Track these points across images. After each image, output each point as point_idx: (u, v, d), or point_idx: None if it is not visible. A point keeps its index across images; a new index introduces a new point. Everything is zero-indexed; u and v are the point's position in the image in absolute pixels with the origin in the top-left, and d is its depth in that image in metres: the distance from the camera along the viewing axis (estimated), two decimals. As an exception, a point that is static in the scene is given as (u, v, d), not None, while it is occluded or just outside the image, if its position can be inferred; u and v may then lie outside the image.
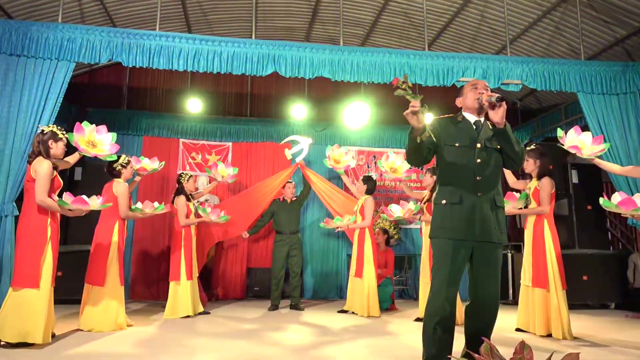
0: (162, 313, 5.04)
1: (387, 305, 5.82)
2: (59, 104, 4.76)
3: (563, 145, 3.78)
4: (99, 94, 7.76)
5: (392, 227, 7.62)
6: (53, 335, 3.59)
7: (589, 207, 6.39)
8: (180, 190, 5.28)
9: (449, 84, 5.44)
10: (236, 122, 7.92)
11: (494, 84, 5.46)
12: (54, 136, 3.59)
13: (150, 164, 5.04)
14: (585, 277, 6.02)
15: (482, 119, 2.63)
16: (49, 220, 3.47)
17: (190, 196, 5.31)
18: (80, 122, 3.93)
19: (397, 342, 3.89)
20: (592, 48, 6.53)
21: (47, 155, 3.53)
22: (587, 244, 6.27)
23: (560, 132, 3.81)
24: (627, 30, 6.11)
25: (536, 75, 5.54)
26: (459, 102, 2.72)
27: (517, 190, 4.63)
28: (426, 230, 4.90)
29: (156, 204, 4.64)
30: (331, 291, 7.62)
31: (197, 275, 5.25)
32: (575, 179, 6.52)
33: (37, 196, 3.36)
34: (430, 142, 2.53)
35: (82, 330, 4.05)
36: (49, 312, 3.41)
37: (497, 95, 2.41)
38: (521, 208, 4.42)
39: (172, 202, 5.29)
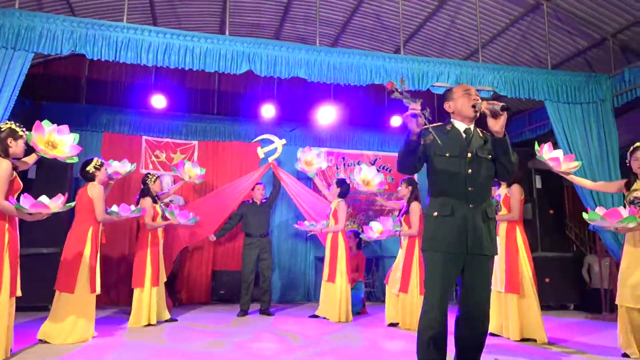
0: (123, 320, 4.79)
1: (358, 309, 5.79)
2: (15, 98, 4.42)
3: (542, 157, 3.84)
4: (54, 87, 7.31)
5: (361, 228, 7.60)
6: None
7: (551, 212, 6.62)
8: (146, 192, 5.02)
9: (424, 89, 5.46)
10: (203, 120, 7.66)
11: (466, 89, 5.52)
12: (13, 134, 3.31)
13: (121, 167, 4.79)
14: (547, 280, 6.22)
15: (472, 127, 2.59)
16: (7, 225, 3.18)
17: (156, 197, 5.07)
18: (34, 117, 3.65)
19: (376, 350, 3.85)
20: (555, 57, 6.75)
21: (6, 155, 3.25)
22: (549, 247, 6.49)
23: (537, 146, 3.90)
24: (589, 42, 6.36)
25: (506, 83, 5.66)
26: (447, 106, 2.66)
27: None
28: (405, 241, 4.90)
29: (132, 207, 4.39)
30: (298, 294, 7.53)
31: (165, 280, 5.02)
32: (538, 184, 6.73)
33: None
34: (422, 150, 2.48)
35: (42, 341, 3.76)
36: (8, 326, 3.13)
37: (501, 104, 2.36)
38: None
39: (137, 204, 5.03)
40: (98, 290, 4.05)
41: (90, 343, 3.86)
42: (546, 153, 3.80)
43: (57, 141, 3.66)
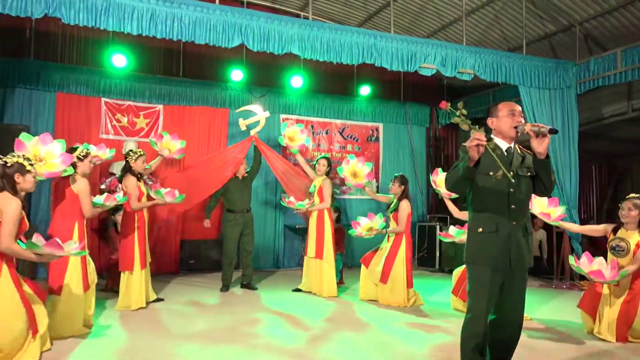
0: (110, 302, 4.65)
1: (337, 280, 6.00)
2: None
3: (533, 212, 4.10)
4: (-4, 39, 6.46)
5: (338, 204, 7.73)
6: None
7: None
8: (128, 170, 4.72)
9: (412, 70, 5.52)
10: (167, 82, 7.21)
11: (451, 72, 5.66)
12: (21, 169, 2.97)
13: (98, 151, 4.47)
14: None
15: (513, 145, 2.70)
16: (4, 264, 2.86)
17: (139, 176, 4.79)
18: None
19: (387, 333, 4.07)
20: (519, 38, 6.99)
21: (14, 192, 2.92)
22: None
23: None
24: (557, 27, 6.68)
25: (486, 66, 5.85)
26: (490, 122, 2.73)
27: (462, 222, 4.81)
28: (392, 237, 5.09)
29: (118, 195, 4.13)
30: (268, 262, 7.63)
31: (150, 261, 4.87)
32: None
33: (3, 242, 2.78)
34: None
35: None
36: None
37: (548, 127, 2.46)
38: None
39: (120, 183, 4.75)
40: (91, 286, 3.83)
41: (93, 336, 3.72)
42: (537, 206, 4.11)
43: (44, 154, 3.33)
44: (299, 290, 5.69)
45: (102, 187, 5.99)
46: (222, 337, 3.76)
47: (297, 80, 7.50)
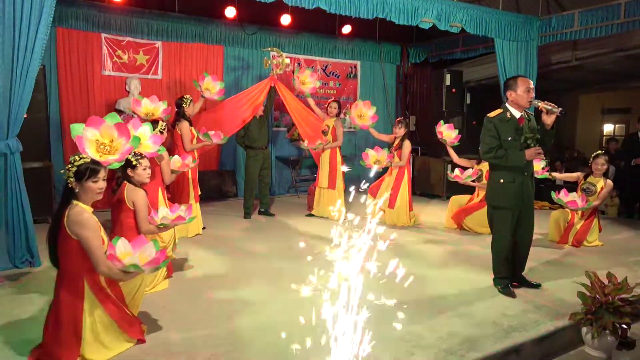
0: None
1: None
2: None
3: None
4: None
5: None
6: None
7: (474, 123, 8.36)
8: (182, 115, 5.20)
9: (414, 24, 6.24)
10: (164, 18, 7.26)
11: (444, 25, 6.45)
12: (129, 164, 3.40)
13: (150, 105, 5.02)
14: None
15: (522, 113, 3.63)
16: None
17: (190, 120, 5.28)
18: None
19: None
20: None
21: (135, 185, 3.43)
22: (470, 152, 8.33)
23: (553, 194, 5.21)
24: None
25: (471, 21, 6.70)
26: (509, 94, 3.62)
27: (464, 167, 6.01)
28: (395, 170, 6.05)
29: (188, 160, 4.78)
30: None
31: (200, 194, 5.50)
32: (468, 100, 8.31)
33: (143, 226, 3.30)
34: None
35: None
36: None
37: (560, 109, 3.46)
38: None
39: (174, 127, 5.21)
40: None
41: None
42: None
43: (141, 134, 3.61)
44: (311, 215, 6.64)
45: None
46: (287, 255, 4.67)
47: (285, 19, 7.86)
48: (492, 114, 3.66)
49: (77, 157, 2.52)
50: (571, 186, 5.60)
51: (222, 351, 2.68)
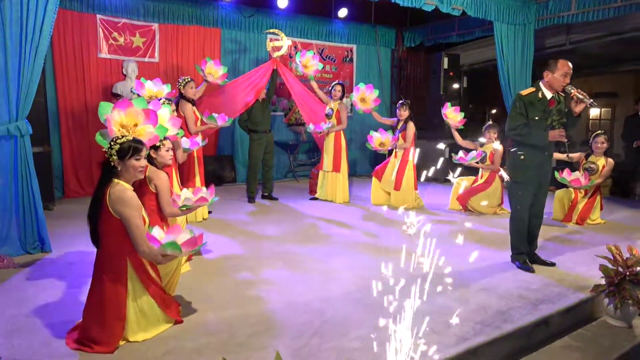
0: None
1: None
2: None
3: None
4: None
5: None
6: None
7: (470, 106, 8.45)
8: (183, 97, 5.10)
9: (418, 6, 6.21)
10: (160, -1, 7.09)
11: (446, 7, 6.44)
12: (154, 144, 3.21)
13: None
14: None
15: (554, 94, 3.70)
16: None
17: (193, 101, 5.19)
18: None
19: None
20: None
21: (157, 167, 3.24)
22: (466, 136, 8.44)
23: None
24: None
25: (472, 3, 6.72)
26: (546, 74, 3.68)
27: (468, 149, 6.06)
28: (400, 152, 6.09)
29: (199, 139, 4.76)
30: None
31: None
32: (465, 84, 8.38)
33: (167, 209, 3.14)
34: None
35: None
36: None
37: (591, 100, 3.54)
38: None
39: (177, 110, 5.11)
40: None
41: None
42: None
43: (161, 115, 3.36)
44: (315, 198, 6.65)
45: None
46: (300, 237, 4.69)
47: (282, 1, 7.77)
48: (524, 92, 3.71)
49: (119, 136, 2.47)
50: (573, 168, 5.73)
51: (262, 329, 2.69)
